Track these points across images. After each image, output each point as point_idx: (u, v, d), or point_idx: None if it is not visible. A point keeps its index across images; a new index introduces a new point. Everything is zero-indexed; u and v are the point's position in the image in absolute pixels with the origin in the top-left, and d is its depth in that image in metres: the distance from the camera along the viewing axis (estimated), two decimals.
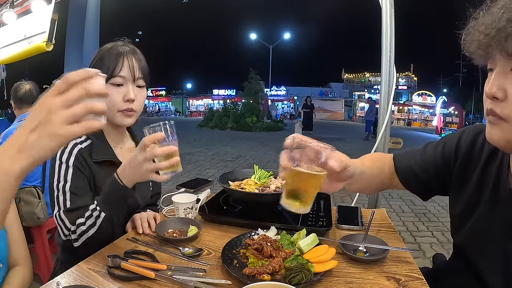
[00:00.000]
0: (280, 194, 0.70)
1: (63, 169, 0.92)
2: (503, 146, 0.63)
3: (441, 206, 4.15)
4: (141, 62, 1.02)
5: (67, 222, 0.89)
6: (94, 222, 0.88)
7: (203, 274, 0.75)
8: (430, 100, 27.77)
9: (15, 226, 0.90)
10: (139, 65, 1.00)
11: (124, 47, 1.00)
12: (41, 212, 1.91)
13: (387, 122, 1.37)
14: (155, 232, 0.97)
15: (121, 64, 0.96)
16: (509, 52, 0.54)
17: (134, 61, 0.99)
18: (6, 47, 2.55)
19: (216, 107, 25.72)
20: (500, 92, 0.58)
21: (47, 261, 2.04)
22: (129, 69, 0.97)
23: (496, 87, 0.58)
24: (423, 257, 2.73)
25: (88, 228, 0.88)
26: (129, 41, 1.05)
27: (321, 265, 0.75)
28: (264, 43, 26.77)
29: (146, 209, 1.14)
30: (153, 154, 0.77)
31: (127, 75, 0.97)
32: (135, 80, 0.99)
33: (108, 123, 1.02)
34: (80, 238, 0.88)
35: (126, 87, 0.98)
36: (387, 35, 1.37)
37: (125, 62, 0.97)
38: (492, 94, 0.59)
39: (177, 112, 32.35)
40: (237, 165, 6.51)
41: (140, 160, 0.78)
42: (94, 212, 0.88)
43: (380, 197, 1.46)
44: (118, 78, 0.96)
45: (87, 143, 0.98)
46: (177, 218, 1.06)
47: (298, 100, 29.54)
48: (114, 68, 0.95)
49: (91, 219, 0.88)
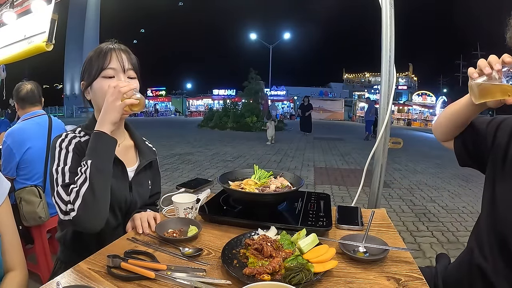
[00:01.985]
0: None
1: (62, 154, 0.94)
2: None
3: (441, 206, 4.15)
4: (130, 54, 1.05)
5: (63, 194, 0.88)
6: (84, 177, 0.87)
7: (203, 274, 0.75)
8: (430, 100, 27.78)
9: (11, 230, 0.87)
10: (127, 56, 1.03)
11: (110, 45, 1.03)
12: (42, 212, 1.91)
13: (387, 122, 1.37)
14: (155, 232, 0.97)
15: (109, 58, 1.00)
16: None
17: (122, 53, 1.03)
18: (6, 47, 2.55)
19: (216, 107, 25.72)
20: None
21: (47, 261, 2.04)
22: (117, 60, 1.01)
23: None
24: (423, 257, 2.73)
25: (80, 185, 0.86)
26: (116, 41, 1.07)
27: (321, 265, 0.75)
28: (264, 43, 26.78)
29: (146, 209, 1.14)
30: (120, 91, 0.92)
31: (117, 67, 1.00)
32: (125, 71, 1.02)
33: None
34: (76, 202, 0.86)
35: (117, 78, 1.01)
36: (387, 35, 1.37)
37: (113, 55, 1.01)
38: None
39: (177, 112, 32.36)
40: (237, 165, 6.52)
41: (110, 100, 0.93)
42: (82, 168, 0.89)
43: (380, 197, 1.46)
44: (109, 70, 0.99)
45: (86, 138, 0.99)
46: (177, 218, 1.06)
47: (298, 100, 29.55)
48: (103, 63, 0.99)
49: (81, 176, 0.88)
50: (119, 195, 1.03)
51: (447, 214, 3.87)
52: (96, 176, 0.88)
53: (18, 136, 1.95)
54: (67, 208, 0.86)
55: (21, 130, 1.99)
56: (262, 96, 17.44)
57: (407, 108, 27.49)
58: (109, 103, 0.93)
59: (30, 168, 1.97)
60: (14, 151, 1.91)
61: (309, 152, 8.74)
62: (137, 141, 1.16)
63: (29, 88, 2.09)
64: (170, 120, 22.23)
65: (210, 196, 1.29)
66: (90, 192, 0.86)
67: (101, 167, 0.90)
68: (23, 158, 1.94)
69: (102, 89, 0.98)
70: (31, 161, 1.97)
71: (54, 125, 2.12)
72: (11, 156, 1.92)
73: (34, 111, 2.10)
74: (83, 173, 0.88)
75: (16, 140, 1.94)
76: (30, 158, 1.96)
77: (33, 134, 2.00)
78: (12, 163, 1.93)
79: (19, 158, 1.93)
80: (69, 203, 0.86)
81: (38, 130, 2.04)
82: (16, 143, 1.93)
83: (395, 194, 4.69)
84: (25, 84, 2.10)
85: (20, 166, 1.96)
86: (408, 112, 27.14)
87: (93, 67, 1.00)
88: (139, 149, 1.15)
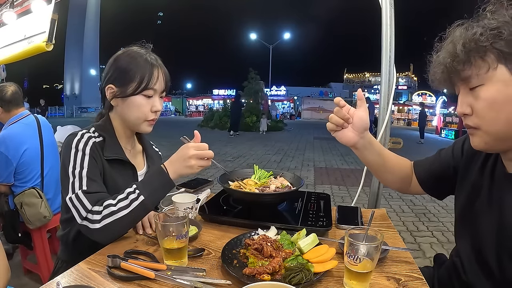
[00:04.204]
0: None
1: (79, 156, 0.93)
2: (484, 148, 0.75)
3: (441, 206, 4.15)
4: (166, 73, 1.04)
5: (86, 201, 0.87)
6: (128, 204, 0.86)
7: (203, 274, 0.75)
8: (430, 100, 27.77)
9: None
10: (166, 77, 1.04)
11: (151, 56, 1.01)
12: (45, 211, 1.91)
13: (387, 122, 1.37)
14: (155, 232, 0.97)
15: (155, 77, 0.98)
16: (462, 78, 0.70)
17: (164, 73, 1.02)
18: (6, 47, 2.55)
19: (216, 107, 25.73)
20: (467, 109, 0.72)
21: (47, 261, 2.04)
22: (162, 81, 1.01)
23: (464, 106, 0.72)
24: (423, 257, 2.73)
25: (120, 209, 0.86)
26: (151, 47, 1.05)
27: (321, 265, 0.75)
28: (264, 43, 26.76)
29: None
30: (204, 154, 0.92)
31: (158, 88, 1.00)
32: (162, 91, 1.03)
33: (124, 125, 1.04)
34: (105, 219, 0.85)
35: (154, 99, 1.00)
36: (387, 35, 1.37)
37: (159, 76, 1.00)
38: (462, 112, 0.73)
39: (177, 112, 32.35)
40: (237, 165, 6.52)
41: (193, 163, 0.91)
42: (130, 194, 0.87)
43: (380, 197, 1.46)
44: (150, 90, 0.98)
45: (100, 139, 0.99)
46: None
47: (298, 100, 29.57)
48: (149, 80, 0.97)
49: (125, 201, 0.87)
50: None
51: (447, 214, 3.87)
52: (140, 212, 0.88)
53: (11, 142, 1.89)
54: (88, 215, 0.86)
55: (13, 135, 1.92)
56: (262, 96, 17.42)
57: (407, 108, 27.50)
58: (191, 166, 0.91)
59: (28, 170, 1.95)
60: (9, 157, 1.85)
61: (309, 152, 8.73)
62: (145, 146, 1.18)
63: (13, 89, 2.00)
64: (170, 120, 22.22)
65: (210, 196, 1.29)
66: (125, 220, 0.87)
67: (149, 206, 0.90)
68: (20, 162, 1.90)
69: (139, 108, 0.98)
70: (28, 163, 1.94)
71: (42, 123, 2.08)
72: (8, 163, 1.86)
73: (20, 113, 2.03)
74: (129, 200, 0.87)
75: (10, 146, 1.87)
76: (27, 160, 1.93)
77: (25, 136, 1.96)
78: (9, 170, 1.87)
79: (16, 163, 1.89)
80: (95, 214, 0.85)
81: (29, 131, 2.00)
82: (11, 149, 1.87)
83: (395, 194, 4.69)
84: (7, 86, 2.00)
85: (17, 171, 1.91)
86: (408, 112, 27.14)
87: (134, 78, 0.96)
88: (147, 154, 1.17)
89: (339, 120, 0.89)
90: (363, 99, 0.90)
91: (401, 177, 1.02)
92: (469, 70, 0.68)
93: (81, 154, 0.93)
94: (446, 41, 0.73)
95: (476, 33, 0.65)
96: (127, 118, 1.01)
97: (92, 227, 0.85)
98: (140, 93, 0.97)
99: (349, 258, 0.69)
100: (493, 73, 0.66)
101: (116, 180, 0.99)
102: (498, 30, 0.63)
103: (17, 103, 2.03)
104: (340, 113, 0.88)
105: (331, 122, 0.90)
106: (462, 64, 0.68)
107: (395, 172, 1.01)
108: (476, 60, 0.66)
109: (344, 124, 0.89)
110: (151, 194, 0.89)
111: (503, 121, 0.67)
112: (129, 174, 1.05)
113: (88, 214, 0.86)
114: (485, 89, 0.67)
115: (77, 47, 32.21)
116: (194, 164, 0.91)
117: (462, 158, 0.91)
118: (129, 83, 0.96)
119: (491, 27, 0.64)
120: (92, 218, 0.85)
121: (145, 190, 0.88)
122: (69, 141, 0.95)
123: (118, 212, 0.85)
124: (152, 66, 0.98)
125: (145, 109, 0.99)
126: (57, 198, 2.08)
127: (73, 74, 34.00)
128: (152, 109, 1.00)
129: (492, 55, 0.65)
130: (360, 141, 0.91)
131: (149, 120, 1.01)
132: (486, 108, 0.68)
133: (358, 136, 0.90)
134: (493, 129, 0.69)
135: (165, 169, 0.91)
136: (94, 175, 0.92)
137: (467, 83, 0.70)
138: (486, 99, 0.68)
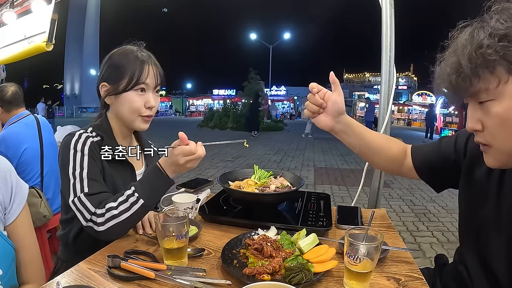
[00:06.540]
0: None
1: (78, 157, 0.92)
2: (499, 166, 0.70)
3: (441, 206, 4.15)
4: (159, 68, 1.03)
5: (89, 205, 0.87)
6: (128, 207, 0.86)
7: (203, 274, 0.75)
8: (430, 100, 27.75)
9: (30, 243, 0.85)
10: (159, 71, 1.03)
11: (142, 53, 1.01)
12: (45, 210, 1.91)
13: (387, 122, 1.37)
14: (155, 232, 0.97)
15: (146, 72, 0.98)
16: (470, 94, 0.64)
17: (156, 68, 1.01)
18: (6, 47, 2.55)
19: (216, 107, 25.70)
20: (478, 125, 0.66)
21: (47, 261, 2.04)
22: (153, 77, 1.00)
23: (474, 121, 0.67)
24: (423, 257, 2.73)
25: (121, 213, 0.86)
26: (143, 44, 1.05)
27: (321, 265, 0.75)
28: (264, 43, 26.78)
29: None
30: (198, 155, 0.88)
31: (150, 83, 0.99)
32: (155, 87, 1.02)
33: (120, 124, 1.04)
34: (108, 222, 0.86)
35: (147, 94, 1.00)
36: (387, 35, 1.37)
37: (150, 70, 0.99)
38: (473, 129, 0.68)
39: (177, 112, 32.34)
40: (237, 165, 6.51)
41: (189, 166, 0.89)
42: (130, 197, 0.87)
43: (380, 197, 1.46)
44: (142, 85, 0.98)
45: (98, 139, 0.99)
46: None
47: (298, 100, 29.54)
48: (139, 76, 0.97)
49: (125, 204, 0.87)
50: None
51: (447, 214, 3.87)
52: (140, 213, 0.88)
53: (11, 142, 1.90)
54: (92, 217, 0.86)
55: (13, 134, 1.94)
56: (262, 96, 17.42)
57: (407, 108, 27.48)
58: (186, 166, 0.88)
59: (28, 170, 1.95)
60: (9, 156, 1.85)
61: (309, 152, 8.73)
62: (143, 145, 1.17)
63: (13, 90, 2.01)
64: (170, 120, 22.21)
65: (210, 196, 1.29)
66: (127, 222, 0.87)
67: (150, 206, 0.90)
68: (20, 161, 1.91)
69: (131, 104, 0.97)
70: (28, 163, 1.94)
71: (42, 123, 2.09)
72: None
73: (20, 113, 2.04)
74: (130, 204, 0.87)
75: (10, 145, 1.89)
76: (27, 160, 1.94)
77: (25, 136, 1.97)
78: None
79: (16, 163, 1.89)
80: (99, 216, 0.86)
81: (28, 131, 2.01)
82: (11, 148, 1.88)
83: (395, 194, 4.69)
84: (7, 87, 2.01)
85: (17, 170, 1.88)
86: (408, 112, 27.12)
87: (125, 75, 0.96)
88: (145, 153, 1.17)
89: (313, 106, 0.89)
90: (337, 82, 0.89)
91: (389, 158, 0.99)
92: (477, 85, 0.62)
93: (80, 155, 0.93)
94: (449, 50, 0.67)
95: (483, 44, 0.59)
96: (121, 115, 1.00)
97: (98, 229, 0.86)
98: (131, 89, 0.97)
99: (349, 258, 0.69)
100: (504, 88, 0.60)
101: (114, 180, 0.99)
102: (507, 39, 0.58)
103: (18, 104, 2.04)
104: (312, 99, 0.88)
105: (307, 109, 0.91)
106: (469, 80, 0.62)
107: (381, 154, 0.98)
108: (485, 74, 0.60)
109: (320, 110, 0.90)
110: (150, 194, 0.89)
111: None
112: (127, 173, 1.05)
113: (92, 216, 0.86)
114: (496, 104, 0.62)
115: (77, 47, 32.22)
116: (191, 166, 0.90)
117: (465, 157, 0.86)
118: (120, 80, 0.97)
119: (499, 34, 0.58)
120: (96, 220, 0.86)
121: (143, 191, 0.88)
122: (67, 141, 0.95)
123: (119, 215, 0.86)
124: (143, 61, 0.98)
125: (138, 105, 0.98)
126: (56, 198, 2.08)
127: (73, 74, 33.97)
128: (146, 105, 0.99)
129: (502, 67, 0.59)
130: (336, 125, 0.91)
131: (143, 116, 1.00)
132: (498, 126, 0.63)
133: (333, 120, 0.90)
134: (506, 147, 0.64)
135: (161, 167, 0.89)
136: (95, 174, 0.92)
137: (476, 98, 0.65)
138: (497, 116, 0.62)
